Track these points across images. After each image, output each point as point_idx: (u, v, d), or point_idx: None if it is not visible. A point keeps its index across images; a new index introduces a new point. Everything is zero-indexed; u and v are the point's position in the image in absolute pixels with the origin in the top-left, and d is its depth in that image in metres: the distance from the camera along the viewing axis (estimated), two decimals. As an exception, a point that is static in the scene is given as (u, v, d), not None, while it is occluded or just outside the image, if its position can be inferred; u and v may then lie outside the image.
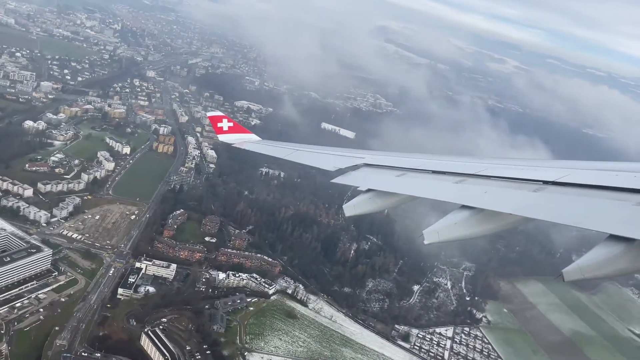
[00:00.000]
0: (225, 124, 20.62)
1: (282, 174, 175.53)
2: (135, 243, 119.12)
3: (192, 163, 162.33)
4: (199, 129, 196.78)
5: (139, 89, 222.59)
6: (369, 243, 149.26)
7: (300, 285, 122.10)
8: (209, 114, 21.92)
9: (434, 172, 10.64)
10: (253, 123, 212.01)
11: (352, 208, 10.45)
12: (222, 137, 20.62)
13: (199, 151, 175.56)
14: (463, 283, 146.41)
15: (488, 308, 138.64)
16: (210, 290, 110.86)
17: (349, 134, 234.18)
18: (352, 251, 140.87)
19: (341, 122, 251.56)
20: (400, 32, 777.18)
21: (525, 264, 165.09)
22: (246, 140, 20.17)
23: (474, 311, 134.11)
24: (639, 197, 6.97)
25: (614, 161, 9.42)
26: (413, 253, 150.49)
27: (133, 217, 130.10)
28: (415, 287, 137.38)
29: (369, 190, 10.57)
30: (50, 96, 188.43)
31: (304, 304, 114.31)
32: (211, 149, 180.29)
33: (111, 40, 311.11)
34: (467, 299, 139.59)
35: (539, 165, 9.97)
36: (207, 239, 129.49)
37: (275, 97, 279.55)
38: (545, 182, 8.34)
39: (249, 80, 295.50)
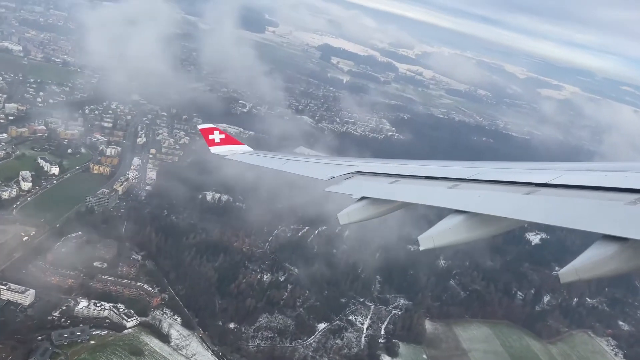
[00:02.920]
0: (217, 136, 20.51)
1: (222, 198, 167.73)
2: (8, 266, 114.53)
3: (120, 185, 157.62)
4: (153, 150, 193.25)
5: (110, 112, 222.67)
6: (286, 274, 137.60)
7: (178, 319, 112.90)
8: (200, 126, 21.89)
9: (427, 178, 10.67)
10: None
11: (346, 216, 10.46)
12: (213, 150, 20.63)
13: (137, 173, 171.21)
14: (385, 323, 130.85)
15: (403, 352, 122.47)
16: (63, 319, 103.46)
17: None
18: (256, 282, 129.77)
19: (321, 146, 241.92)
20: (447, 57, 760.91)
21: (476, 305, 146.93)
22: (237, 152, 20.17)
23: (382, 356, 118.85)
24: (630, 196, 6.93)
25: (604, 161, 9.66)
26: (336, 288, 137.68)
27: (26, 238, 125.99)
28: (322, 325, 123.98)
29: (362, 198, 10.61)
30: (10, 117, 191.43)
31: (165, 339, 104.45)
32: (155, 170, 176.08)
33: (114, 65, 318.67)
34: (381, 341, 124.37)
35: (531, 168, 10.06)
36: (95, 264, 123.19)
37: (262, 120, 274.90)
38: (537, 185, 8.32)
39: (242, 104, 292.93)
